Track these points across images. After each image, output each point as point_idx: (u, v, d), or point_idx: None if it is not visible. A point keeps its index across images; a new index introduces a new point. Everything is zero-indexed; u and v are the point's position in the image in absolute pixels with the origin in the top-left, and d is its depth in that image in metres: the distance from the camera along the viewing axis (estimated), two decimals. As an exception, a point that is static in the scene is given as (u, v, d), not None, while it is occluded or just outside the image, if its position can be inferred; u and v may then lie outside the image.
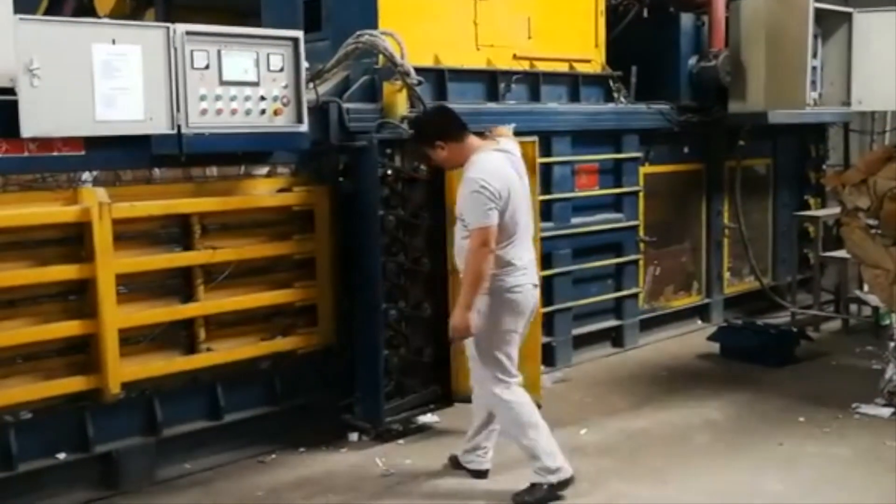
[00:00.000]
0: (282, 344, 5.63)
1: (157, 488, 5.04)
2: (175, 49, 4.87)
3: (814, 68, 7.95)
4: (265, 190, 5.57)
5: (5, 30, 4.52)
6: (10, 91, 4.59)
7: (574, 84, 7.49)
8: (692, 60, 8.25)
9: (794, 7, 7.72)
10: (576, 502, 4.78)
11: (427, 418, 5.93)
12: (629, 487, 4.93)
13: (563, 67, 7.46)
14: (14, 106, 4.48)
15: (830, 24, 8.10)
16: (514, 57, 7.09)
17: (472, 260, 4.55)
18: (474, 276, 4.55)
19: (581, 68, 7.57)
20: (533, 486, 4.74)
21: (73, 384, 4.82)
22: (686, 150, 8.38)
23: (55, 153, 4.73)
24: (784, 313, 8.63)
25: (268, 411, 5.62)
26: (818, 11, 7.76)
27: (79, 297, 4.87)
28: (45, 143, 4.67)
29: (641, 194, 7.93)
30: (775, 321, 8.23)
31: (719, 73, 8.07)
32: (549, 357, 7.19)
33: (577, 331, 7.47)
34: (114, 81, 4.70)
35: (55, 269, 4.74)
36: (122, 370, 4.89)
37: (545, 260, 7.15)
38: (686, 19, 8.27)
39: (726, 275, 8.89)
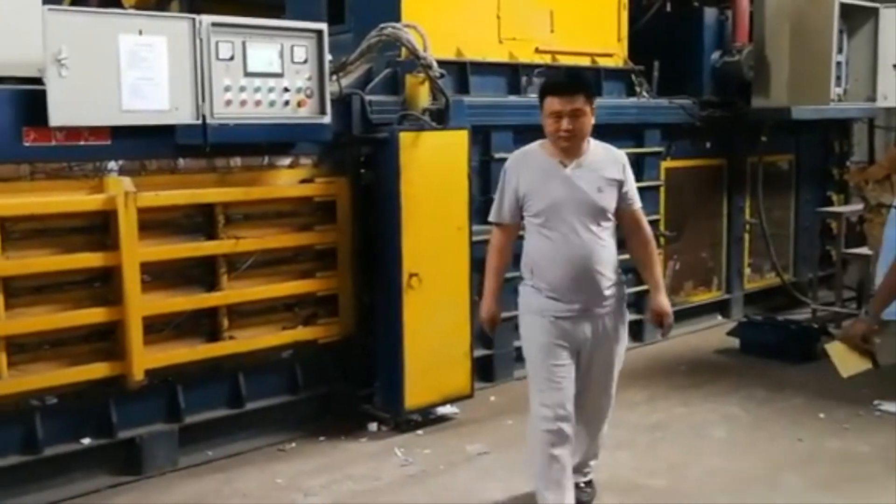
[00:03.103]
0: (303, 333, 5.68)
1: (178, 474, 5.10)
2: (200, 40, 4.92)
3: (838, 63, 7.92)
4: (288, 181, 5.61)
5: (33, 21, 4.59)
6: (38, 81, 4.67)
7: (596, 78, 7.46)
8: (715, 55, 8.22)
9: (820, 1, 7.69)
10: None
11: (446, 409, 5.96)
12: (647, 481, 4.94)
13: (585, 61, 7.46)
14: (42, 95, 4.55)
15: (856, 18, 8.06)
16: (537, 50, 7.09)
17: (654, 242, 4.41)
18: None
19: (603, 62, 7.56)
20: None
21: (98, 370, 4.88)
22: (708, 145, 8.35)
23: (82, 142, 4.78)
24: (805, 310, 8.59)
25: (288, 400, 5.67)
26: (844, 6, 7.72)
27: (104, 285, 4.93)
28: (72, 132, 4.73)
29: (662, 189, 7.92)
30: (796, 318, 8.20)
31: (742, 67, 8.04)
32: (568, 350, 7.21)
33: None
34: (140, 72, 4.76)
35: (81, 256, 4.80)
36: (145, 357, 4.95)
37: (565, 253, 7.18)
38: (709, 13, 8.25)
39: (747, 271, 8.87)
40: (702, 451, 5.39)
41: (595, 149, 4.17)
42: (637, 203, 4.28)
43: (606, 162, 4.18)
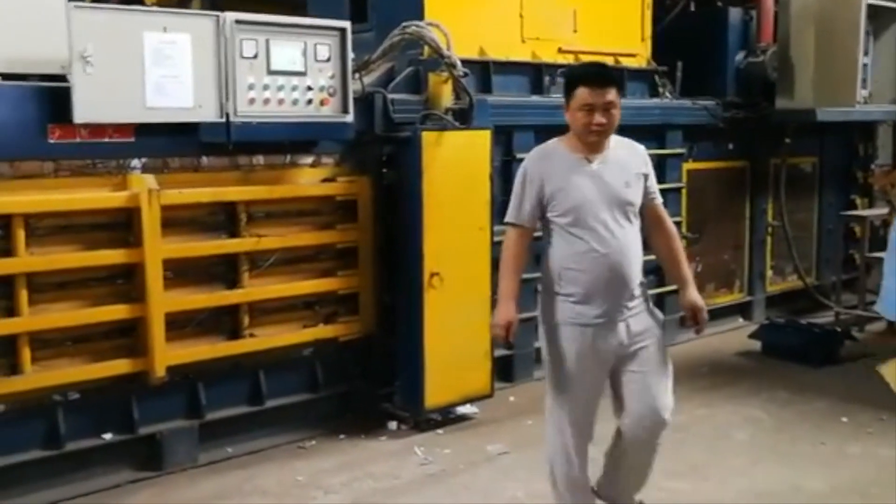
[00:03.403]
0: (323, 331, 5.68)
1: (199, 471, 5.12)
2: (224, 38, 4.94)
3: (864, 65, 7.84)
4: (310, 179, 5.62)
5: (56, 18, 4.61)
6: (61, 78, 4.69)
7: (619, 78, 7.42)
8: (739, 55, 8.17)
9: (846, 2, 7.61)
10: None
11: (466, 409, 5.95)
12: (669, 482, 4.89)
13: (608, 61, 7.39)
14: (65, 92, 4.57)
15: (882, 20, 7.98)
16: (560, 50, 7.07)
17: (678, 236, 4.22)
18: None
19: (626, 62, 7.53)
20: None
21: (120, 366, 4.91)
22: (731, 146, 8.30)
23: (106, 139, 4.81)
24: (827, 313, 8.53)
25: (308, 398, 5.69)
26: (870, 7, 7.64)
27: (126, 282, 4.95)
28: (96, 129, 4.75)
29: (684, 190, 7.87)
30: (818, 321, 8.13)
31: (767, 68, 7.98)
32: (588, 351, 7.19)
33: (617, 326, 7.43)
34: (164, 69, 4.78)
35: (104, 253, 4.83)
36: (167, 354, 4.97)
37: (586, 254, 7.16)
38: (734, 13, 8.19)
39: (769, 273, 8.81)
40: (724, 453, 5.35)
41: (617, 142, 3.96)
42: (659, 196, 4.10)
43: (630, 155, 3.98)
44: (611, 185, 3.84)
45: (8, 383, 4.60)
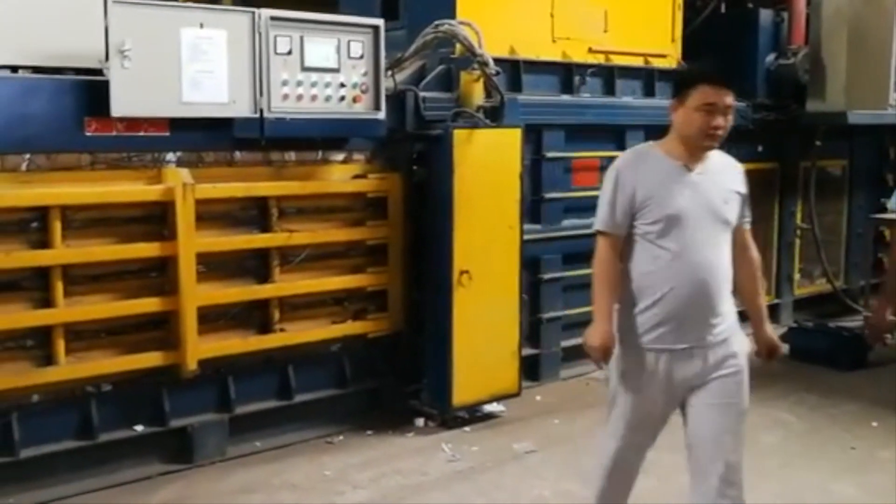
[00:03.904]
0: (352, 328, 5.71)
1: (228, 464, 5.15)
2: (259, 34, 4.98)
3: (896, 68, 7.78)
4: (341, 176, 5.65)
5: (94, 12, 4.66)
6: (97, 72, 4.74)
7: (649, 79, 7.43)
8: (770, 57, 8.12)
9: (879, 4, 7.56)
10: (645, 496, 4.75)
11: (492, 407, 5.96)
12: (697, 484, 4.89)
13: (638, 62, 7.41)
14: (103, 86, 4.62)
15: (916, 23, 7.91)
16: (590, 50, 7.06)
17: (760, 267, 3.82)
18: None
19: (657, 63, 7.51)
20: None
21: (152, 359, 4.95)
22: (760, 148, 8.24)
23: (141, 133, 4.85)
24: (856, 317, 8.47)
25: (337, 393, 5.71)
26: (903, 10, 7.59)
27: (160, 275, 5.00)
28: (132, 122, 4.79)
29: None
30: (847, 325, 8.07)
31: (798, 70, 7.93)
32: (615, 352, 7.19)
33: (643, 327, 7.42)
34: (200, 64, 4.83)
35: (138, 246, 4.87)
36: (199, 347, 5.01)
37: (614, 254, 7.15)
38: (765, 15, 8.15)
39: (797, 276, 8.75)
40: (753, 456, 5.27)
41: (716, 154, 3.57)
42: (749, 222, 3.72)
43: (727, 169, 3.61)
44: (709, 198, 3.48)
45: (42, 374, 4.65)
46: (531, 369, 6.52)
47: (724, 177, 3.57)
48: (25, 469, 4.65)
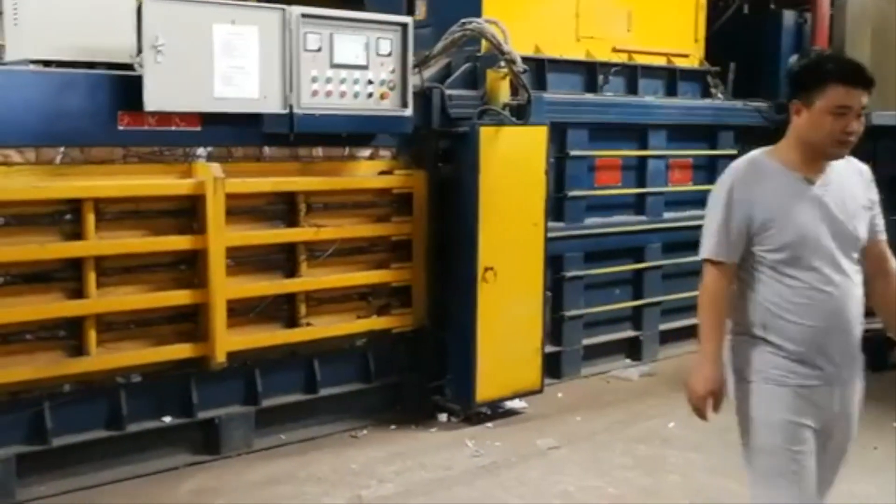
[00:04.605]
0: (377, 323, 5.76)
1: (254, 456, 5.21)
2: (290, 31, 5.02)
3: (921, 69, 7.76)
4: (367, 172, 5.71)
5: (127, 8, 4.72)
6: (128, 66, 4.80)
7: (671, 78, 7.47)
8: (792, 58, 8.11)
9: (904, 5, 7.56)
10: (667, 493, 4.80)
11: (515, 404, 6.00)
12: (719, 481, 4.91)
13: (661, 61, 7.45)
14: (135, 81, 4.68)
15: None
16: (614, 49, 7.11)
17: None
18: None
19: (679, 63, 7.55)
20: None
21: (181, 351, 5.01)
22: (782, 149, 8.25)
23: (173, 127, 4.91)
24: (877, 319, 8.42)
25: (361, 388, 5.76)
26: (928, 11, 7.59)
27: (189, 268, 5.06)
28: (163, 117, 4.85)
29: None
30: (869, 326, 8.04)
31: (821, 71, 7.91)
32: (636, 351, 7.25)
33: (664, 326, 7.46)
34: (232, 60, 4.88)
35: (169, 239, 4.93)
36: (227, 340, 5.06)
37: (636, 253, 7.19)
38: (788, 16, 8.16)
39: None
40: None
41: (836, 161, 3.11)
42: (884, 231, 3.22)
43: (852, 175, 3.14)
44: (836, 215, 3.03)
45: (74, 364, 4.72)
46: (553, 366, 6.55)
47: (850, 186, 3.11)
48: (57, 457, 4.72)
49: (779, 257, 3.01)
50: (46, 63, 4.73)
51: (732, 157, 7.56)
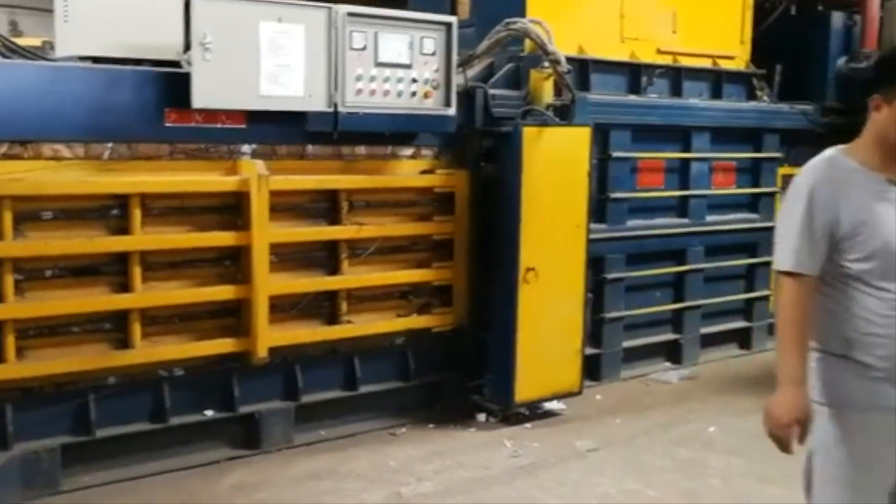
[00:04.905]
0: (417, 321, 5.77)
1: (294, 452, 5.24)
2: (336, 29, 5.05)
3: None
4: (409, 171, 5.71)
5: (174, 5, 4.77)
6: (175, 64, 4.85)
7: (716, 80, 7.41)
8: (841, 61, 8.01)
9: (956, 7, 7.43)
10: (708, 497, 4.76)
11: (553, 405, 5.98)
12: (761, 487, 4.87)
13: (706, 63, 7.39)
14: (182, 78, 4.74)
15: None
16: (658, 51, 7.06)
17: None
18: None
19: (724, 65, 7.48)
20: None
21: (224, 346, 5.05)
22: (828, 153, 8.14)
23: (219, 125, 4.96)
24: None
25: (400, 386, 5.78)
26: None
27: (233, 264, 5.10)
28: (210, 114, 4.90)
29: (779, 195, 7.78)
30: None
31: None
32: (676, 354, 7.19)
33: (705, 330, 7.40)
34: (278, 58, 4.92)
35: (214, 235, 4.98)
36: (269, 336, 5.09)
37: (678, 256, 7.13)
38: (836, 17, 8.04)
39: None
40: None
41: None
42: None
43: None
44: None
45: (119, 357, 4.78)
46: (592, 369, 6.52)
47: None
48: (100, 449, 4.79)
49: (865, 267, 2.74)
50: (95, 60, 4.80)
51: (777, 161, 7.66)
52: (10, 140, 4.45)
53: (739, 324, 7.75)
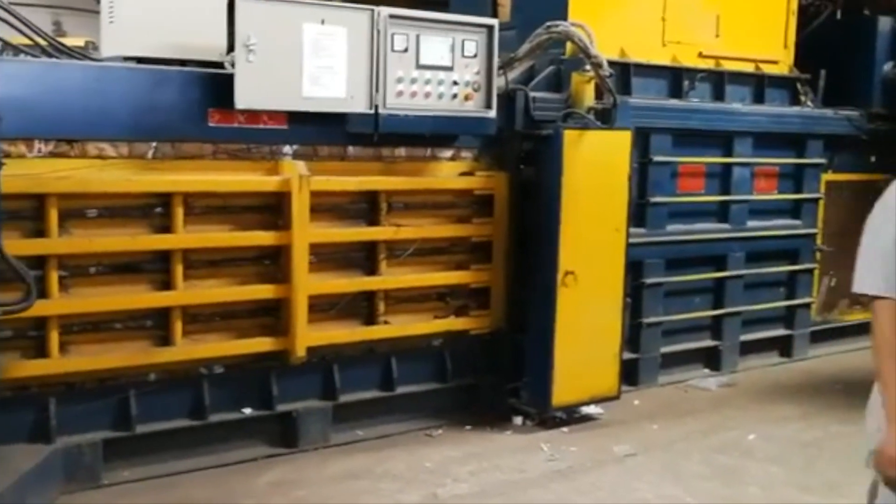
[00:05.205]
0: (454, 323, 5.77)
1: (330, 451, 5.26)
2: (378, 31, 5.07)
3: None
4: (448, 173, 5.72)
5: (218, 7, 4.82)
6: (218, 65, 4.91)
7: (759, 85, 7.33)
8: (887, 66, 7.89)
9: None
10: (745, 506, 4.72)
11: (591, 409, 5.95)
12: (801, 497, 4.81)
13: (749, 67, 7.31)
14: (225, 79, 4.78)
15: None
16: (700, 55, 7.00)
17: None
18: None
19: (767, 69, 7.40)
20: None
21: (263, 344, 5.09)
22: (873, 159, 8.04)
23: (261, 125, 5.01)
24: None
25: (437, 387, 5.78)
26: None
27: (273, 263, 5.14)
28: (252, 115, 4.95)
29: (822, 202, 7.68)
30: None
31: (918, 80, 7.70)
32: (715, 361, 7.13)
33: (744, 337, 7.32)
34: (320, 60, 4.95)
35: (255, 234, 5.02)
36: (307, 335, 5.12)
37: (718, 262, 7.07)
38: (883, 22, 7.92)
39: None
40: (859, 472, 5.14)
41: None
42: None
43: None
44: None
45: (160, 354, 4.83)
46: (629, 374, 6.48)
47: None
48: (140, 444, 4.84)
49: None
50: (140, 60, 4.87)
51: (821, 167, 7.56)
52: (56, 138, 4.52)
53: (780, 331, 7.66)
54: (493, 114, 5.52)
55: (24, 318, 4.31)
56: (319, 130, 5.17)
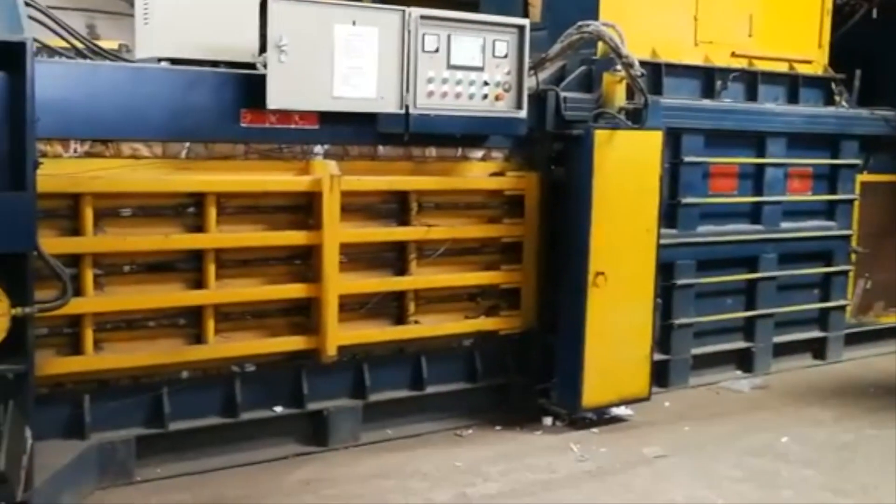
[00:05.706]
0: (484, 324, 5.77)
1: (360, 449, 5.28)
2: (409, 32, 5.09)
3: None
4: (479, 173, 5.73)
5: (250, 8, 4.85)
6: (250, 66, 4.95)
7: (793, 85, 7.27)
8: (924, 66, 7.80)
9: None
10: (777, 508, 4.67)
11: (621, 410, 5.92)
12: (836, 500, 4.75)
13: (782, 67, 7.25)
14: (257, 79, 4.82)
15: None
16: (733, 54, 6.96)
17: None
18: None
19: (801, 69, 7.33)
20: None
21: (294, 343, 5.12)
22: (908, 160, 7.94)
23: (293, 126, 5.04)
24: None
25: (467, 387, 5.79)
26: None
27: (303, 263, 5.17)
28: (284, 115, 4.98)
29: (857, 203, 7.59)
30: None
31: (954, 80, 7.59)
32: (747, 363, 7.07)
33: (777, 338, 7.25)
34: (351, 60, 4.97)
35: (286, 234, 5.06)
36: (338, 334, 5.15)
37: (750, 263, 7.01)
38: (920, 22, 7.84)
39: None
40: (894, 475, 5.12)
41: None
42: None
43: None
44: None
45: (192, 352, 4.88)
46: (660, 375, 6.45)
47: None
48: (173, 441, 4.89)
49: None
50: (173, 61, 4.92)
51: (856, 168, 7.48)
52: (91, 139, 4.58)
53: (814, 333, 7.58)
54: (523, 114, 5.52)
55: (60, 315, 4.36)
56: (350, 130, 5.20)
